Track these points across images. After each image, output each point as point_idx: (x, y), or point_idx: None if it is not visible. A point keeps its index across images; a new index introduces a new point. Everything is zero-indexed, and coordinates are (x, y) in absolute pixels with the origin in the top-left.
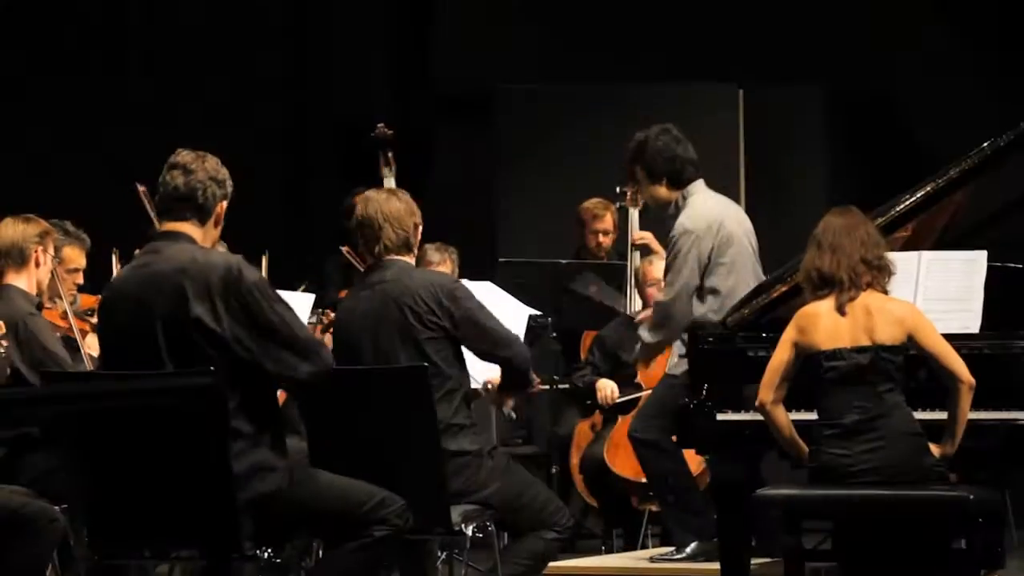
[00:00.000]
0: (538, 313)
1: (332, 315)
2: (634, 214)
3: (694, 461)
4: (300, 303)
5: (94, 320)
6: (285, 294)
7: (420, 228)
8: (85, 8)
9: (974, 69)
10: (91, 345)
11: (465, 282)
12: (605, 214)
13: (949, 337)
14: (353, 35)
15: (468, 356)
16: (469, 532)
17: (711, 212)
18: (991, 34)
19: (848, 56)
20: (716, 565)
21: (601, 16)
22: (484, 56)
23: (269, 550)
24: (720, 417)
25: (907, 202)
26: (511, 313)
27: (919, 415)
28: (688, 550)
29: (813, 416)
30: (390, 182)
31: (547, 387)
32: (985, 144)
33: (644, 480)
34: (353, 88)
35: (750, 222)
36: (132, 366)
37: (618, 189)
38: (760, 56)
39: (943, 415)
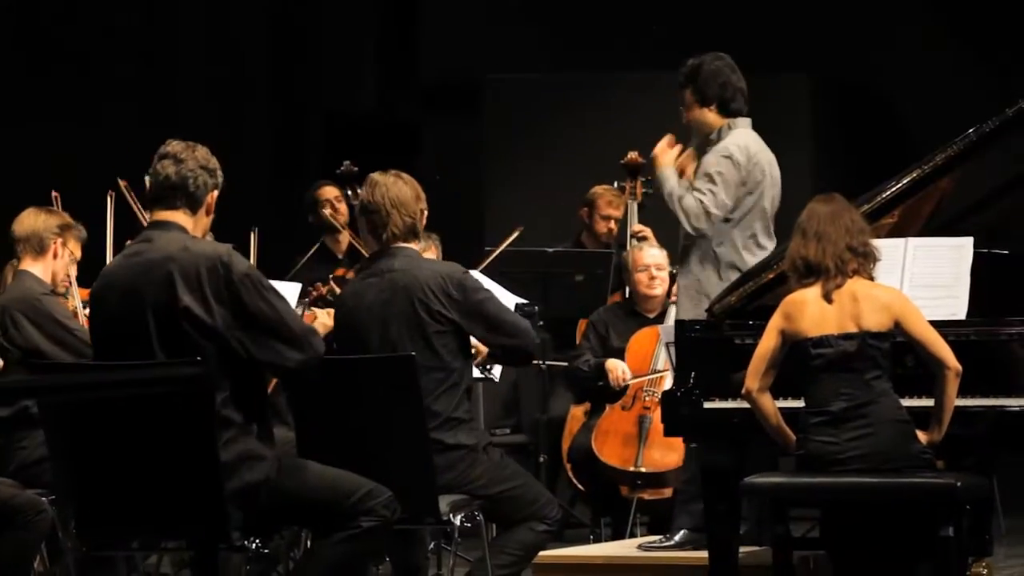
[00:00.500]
0: (525, 301)
1: (322, 290)
2: (633, 207)
3: None
4: (286, 292)
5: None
6: (272, 284)
7: (426, 214)
8: (80, 2)
9: (960, 58)
10: None
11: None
12: (619, 201)
13: (936, 324)
14: (342, 26)
15: None
16: (457, 522)
17: (752, 148)
18: (977, 23)
19: (835, 44)
20: (705, 553)
21: (589, 6)
22: (472, 47)
23: (257, 540)
24: (707, 405)
25: (893, 188)
26: None
27: (906, 402)
28: (677, 537)
29: (800, 404)
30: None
31: (536, 361)
32: (970, 130)
33: (631, 469)
34: (342, 80)
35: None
36: (123, 355)
37: (616, 184)
38: (747, 44)
39: (930, 402)
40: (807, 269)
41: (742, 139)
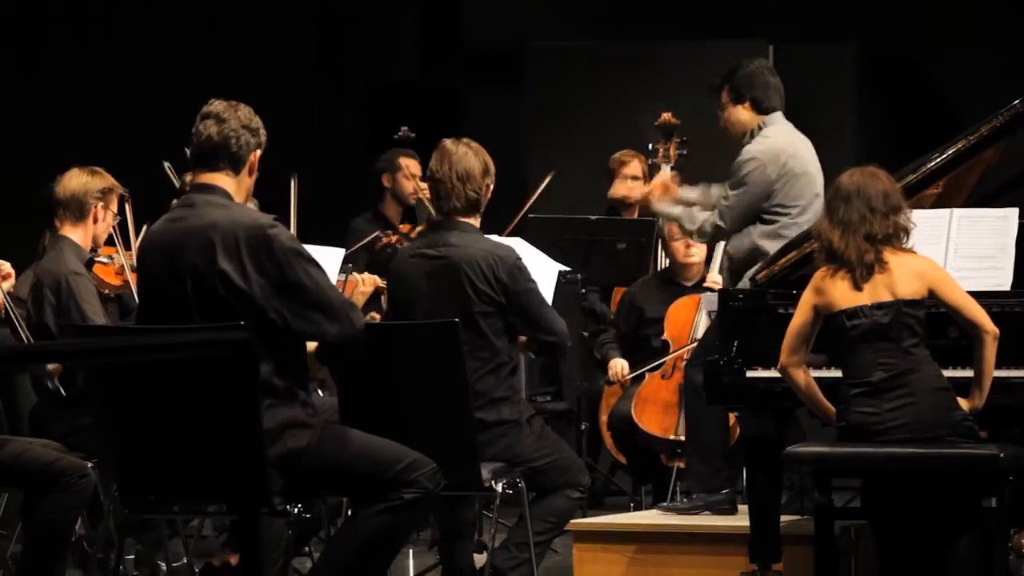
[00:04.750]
0: (568, 269)
1: (392, 239)
2: (665, 170)
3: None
4: (329, 257)
5: None
6: (315, 248)
7: (491, 188)
8: None
9: (1006, 29)
10: None
11: (495, 238)
12: (632, 160)
13: (980, 295)
14: None
15: None
16: (499, 488)
17: (781, 143)
18: None
19: (880, 14)
20: (746, 521)
21: None
22: (514, 14)
23: (299, 506)
24: (749, 374)
25: (937, 159)
26: (541, 269)
27: (950, 373)
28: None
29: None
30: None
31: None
32: (1016, 101)
33: (672, 437)
34: (385, 47)
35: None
36: (163, 317)
37: (650, 146)
38: (792, 13)
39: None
40: (832, 256)
41: (772, 136)
